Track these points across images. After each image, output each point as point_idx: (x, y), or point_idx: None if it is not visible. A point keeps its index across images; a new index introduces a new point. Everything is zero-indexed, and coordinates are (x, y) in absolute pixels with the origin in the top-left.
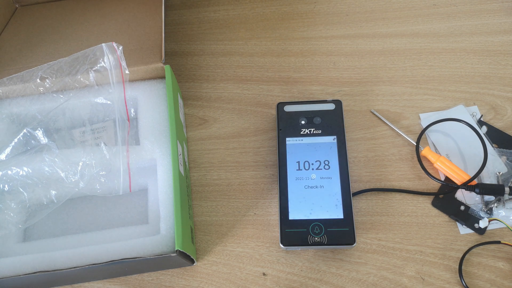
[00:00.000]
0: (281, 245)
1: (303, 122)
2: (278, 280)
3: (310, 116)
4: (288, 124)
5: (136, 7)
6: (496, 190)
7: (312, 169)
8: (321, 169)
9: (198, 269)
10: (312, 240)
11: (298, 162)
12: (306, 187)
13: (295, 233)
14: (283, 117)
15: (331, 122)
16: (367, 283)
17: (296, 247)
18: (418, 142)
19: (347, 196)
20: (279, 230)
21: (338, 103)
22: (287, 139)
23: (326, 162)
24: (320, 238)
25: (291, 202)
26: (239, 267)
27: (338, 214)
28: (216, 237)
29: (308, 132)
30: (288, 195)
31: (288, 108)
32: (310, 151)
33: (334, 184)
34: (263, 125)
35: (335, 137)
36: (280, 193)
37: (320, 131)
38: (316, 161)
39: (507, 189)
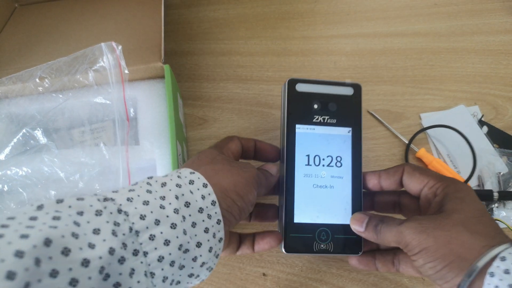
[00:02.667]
0: (284, 251)
1: (316, 106)
2: (278, 281)
3: (325, 101)
4: (299, 107)
5: (136, 6)
6: (484, 196)
7: (323, 165)
8: (333, 166)
9: None
10: (317, 247)
11: (308, 155)
12: (315, 186)
13: (300, 239)
14: (294, 98)
15: (347, 110)
16: (368, 283)
17: (300, 254)
18: (407, 149)
19: (358, 200)
20: (282, 234)
21: (357, 88)
22: (297, 126)
23: (338, 159)
24: (326, 245)
25: (297, 203)
26: (239, 267)
27: (346, 219)
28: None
29: (322, 120)
30: (294, 194)
31: (301, 87)
32: (322, 143)
33: (345, 185)
34: (263, 125)
35: (350, 129)
36: (286, 191)
37: (334, 121)
38: (327, 156)
39: (496, 194)
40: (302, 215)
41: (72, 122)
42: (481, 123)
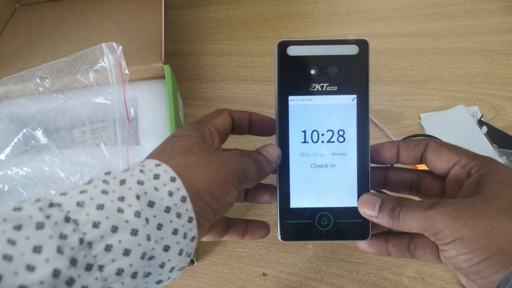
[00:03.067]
0: (280, 239)
1: (313, 72)
2: (278, 281)
3: (323, 64)
4: (292, 75)
5: (136, 7)
6: None
7: (322, 141)
8: (334, 141)
9: (198, 269)
10: (317, 234)
11: (304, 131)
12: (313, 166)
13: (298, 225)
14: (286, 64)
15: (351, 74)
16: (368, 283)
17: (299, 241)
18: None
19: (365, 179)
20: (277, 221)
21: (362, 45)
22: (290, 98)
23: (341, 133)
24: (328, 232)
25: (293, 186)
26: (239, 267)
27: (352, 201)
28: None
29: (320, 89)
30: (289, 176)
31: (293, 51)
32: (320, 116)
33: (350, 162)
34: None
35: (354, 96)
36: (280, 173)
37: (335, 88)
38: (327, 131)
39: None
40: (299, 199)
41: (73, 122)
42: (481, 123)
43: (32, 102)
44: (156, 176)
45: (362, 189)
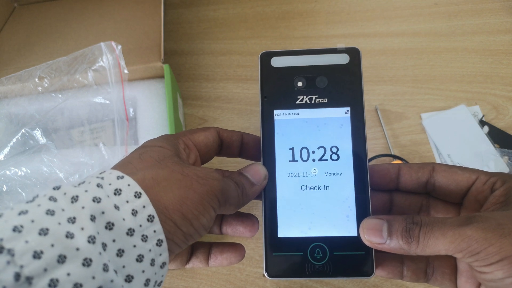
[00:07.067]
0: (266, 275)
1: (300, 84)
2: (278, 282)
3: (310, 75)
4: (277, 88)
5: (135, 6)
6: None
7: (313, 160)
8: (326, 159)
9: (198, 270)
10: (311, 269)
11: (292, 149)
12: (303, 188)
13: (287, 259)
14: (270, 76)
15: (342, 85)
16: (368, 284)
17: (289, 278)
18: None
19: (364, 202)
20: (263, 253)
21: (353, 53)
22: (275, 112)
23: (334, 150)
24: (323, 266)
25: (281, 212)
26: (239, 268)
27: (350, 230)
28: (215, 238)
29: (308, 102)
30: (276, 201)
31: (277, 62)
32: (310, 131)
33: (346, 183)
34: None
35: (348, 109)
36: (265, 197)
37: (325, 100)
38: (319, 148)
39: None
40: (288, 227)
41: (72, 122)
42: (482, 123)
43: (30, 102)
44: (117, 191)
45: (362, 214)
